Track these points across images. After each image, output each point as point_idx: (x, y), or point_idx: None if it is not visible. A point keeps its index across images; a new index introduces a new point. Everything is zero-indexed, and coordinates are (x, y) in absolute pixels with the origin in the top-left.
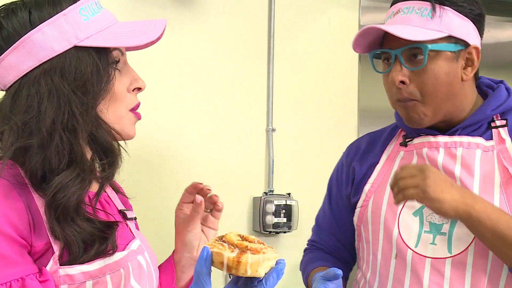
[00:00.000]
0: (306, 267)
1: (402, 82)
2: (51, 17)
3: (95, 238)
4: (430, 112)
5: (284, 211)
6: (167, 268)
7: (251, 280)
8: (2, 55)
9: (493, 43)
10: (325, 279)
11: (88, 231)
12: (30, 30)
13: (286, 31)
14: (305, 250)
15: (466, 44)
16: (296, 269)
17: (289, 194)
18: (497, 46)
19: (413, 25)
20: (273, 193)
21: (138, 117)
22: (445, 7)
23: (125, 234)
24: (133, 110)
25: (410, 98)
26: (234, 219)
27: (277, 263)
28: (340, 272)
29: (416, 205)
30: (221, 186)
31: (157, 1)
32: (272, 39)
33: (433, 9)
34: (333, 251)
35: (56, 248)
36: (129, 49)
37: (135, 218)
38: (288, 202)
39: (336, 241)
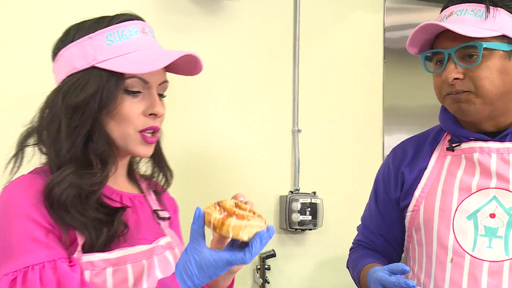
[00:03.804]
0: (357, 263)
1: (456, 79)
2: (79, 38)
3: (102, 223)
4: (481, 103)
5: (309, 209)
6: None
7: (244, 245)
8: (53, 65)
9: None
10: (390, 271)
11: (92, 217)
12: (63, 48)
13: (311, 35)
14: (350, 249)
15: None
16: (321, 265)
17: (314, 192)
18: None
19: (467, 25)
20: (299, 191)
21: (147, 140)
22: (499, 8)
23: (154, 230)
24: (143, 132)
25: (464, 90)
26: None
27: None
28: (407, 268)
29: (470, 209)
30: (249, 185)
31: (184, 9)
32: (298, 42)
33: (487, 10)
34: (380, 250)
35: (79, 238)
36: (171, 71)
37: (169, 218)
38: (313, 201)
39: (384, 241)
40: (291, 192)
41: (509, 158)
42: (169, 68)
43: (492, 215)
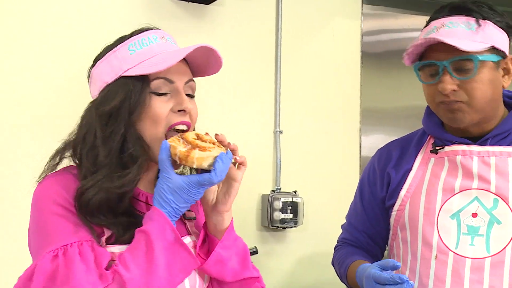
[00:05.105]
0: (344, 261)
1: (452, 89)
2: (105, 55)
3: (130, 225)
4: (473, 112)
5: (290, 207)
6: None
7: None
8: (89, 88)
9: None
10: (381, 267)
11: (123, 221)
12: (93, 68)
13: (292, 40)
14: (336, 247)
15: (504, 55)
16: (302, 261)
17: (295, 191)
18: None
19: (460, 38)
20: (280, 191)
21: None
22: (487, 21)
23: (179, 229)
24: (172, 127)
25: (457, 101)
26: (244, 215)
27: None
28: (399, 264)
29: (453, 208)
30: None
31: (170, 13)
32: (280, 47)
33: (478, 23)
34: (364, 247)
35: (106, 232)
36: (197, 75)
37: (194, 219)
38: (294, 199)
39: (368, 238)
40: (273, 191)
41: (490, 160)
42: (195, 71)
43: (474, 215)
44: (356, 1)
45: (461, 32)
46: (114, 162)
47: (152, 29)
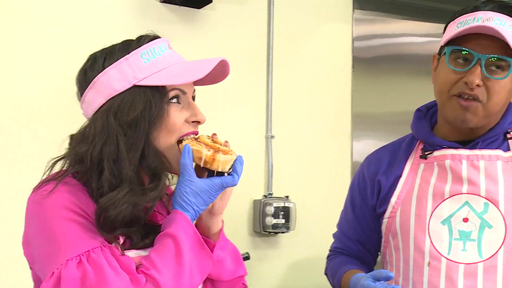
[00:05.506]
0: (337, 270)
1: (477, 85)
2: (116, 61)
3: (147, 232)
4: (483, 116)
5: (282, 212)
6: None
7: (220, 174)
8: (84, 94)
9: None
10: (374, 278)
11: (140, 229)
12: (99, 73)
13: (284, 44)
14: (328, 257)
15: None
16: (294, 266)
17: (287, 196)
18: None
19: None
20: (272, 196)
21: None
22: None
23: None
24: (183, 136)
25: (475, 99)
26: (236, 220)
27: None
28: (392, 274)
29: (444, 214)
30: None
31: (162, 17)
32: (271, 52)
33: None
34: (357, 256)
35: (121, 238)
36: (197, 84)
37: None
38: (286, 204)
39: (361, 246)
40: (265, 196)
41: (478, 164)
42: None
43: (465, 220)
44: (347, 6)
45: (509, 33)
46: (134, 175)
47: (158, 36)
